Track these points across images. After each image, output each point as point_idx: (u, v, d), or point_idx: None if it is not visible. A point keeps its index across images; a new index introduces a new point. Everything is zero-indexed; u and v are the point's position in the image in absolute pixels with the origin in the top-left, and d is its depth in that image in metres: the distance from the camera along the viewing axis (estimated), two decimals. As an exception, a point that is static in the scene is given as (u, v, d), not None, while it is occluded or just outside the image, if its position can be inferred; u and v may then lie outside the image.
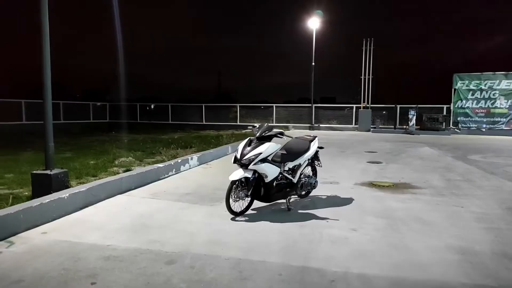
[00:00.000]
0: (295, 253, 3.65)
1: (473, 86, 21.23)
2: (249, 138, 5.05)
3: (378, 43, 22.30)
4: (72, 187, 5.52)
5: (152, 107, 27.85)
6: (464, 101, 21.37)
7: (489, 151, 12.89)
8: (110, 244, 3.78)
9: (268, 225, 4.50)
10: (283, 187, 5.11)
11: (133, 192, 6.00)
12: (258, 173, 4.80)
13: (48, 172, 5.40)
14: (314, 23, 22.75)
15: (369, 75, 22.18)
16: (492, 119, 21.01)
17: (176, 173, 7.66)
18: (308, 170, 5.78)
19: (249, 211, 4.98)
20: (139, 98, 32.58)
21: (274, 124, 23.57)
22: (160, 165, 7.13)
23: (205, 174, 7.81)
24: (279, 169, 4.93)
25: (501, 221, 4.85)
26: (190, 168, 8.32)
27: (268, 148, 4.78)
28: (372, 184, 7.06)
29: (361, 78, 22.31)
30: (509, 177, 7.96)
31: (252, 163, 4.69)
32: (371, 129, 21.57)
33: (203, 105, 25.17)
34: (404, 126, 21.42)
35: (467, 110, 21.38)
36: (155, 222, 4.55)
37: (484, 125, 21.09)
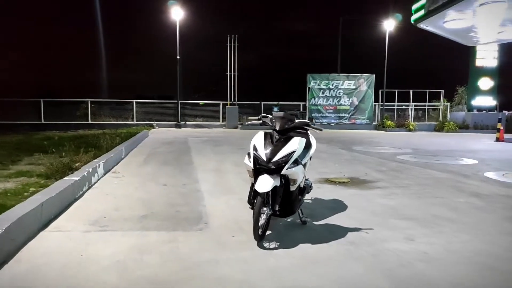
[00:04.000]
0: None
1: (323, 85, 23.47)
2: (265, 132, 3.73)
3: (243, 42, 22.31)
4: None
5: None
6: (316, 99, 23.42)
7: (357, 143, 14.19)
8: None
9: (319, 251, 3.34)
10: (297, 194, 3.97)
11: (59, 224, 3.82)
12: (285, 179, 3.56)
13: None
14: (176, 14, 21.16)
15: (234, 72, 22.02)
16: (338, 115, 23.68)
17: (89, 188, 5.47)
18: None
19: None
20: None
21: (135, 122, 21.04)
22: (75, 178, 4.89)
23: (128, 186, 5.85)
24: (305, 171, 3.79)
25: (496, 208, 4.90)
26: (99, 179, 6.14)
27: (299, 145, 3.58)
28: (330, 181, 6.52)
29: (227, 75, 21.98)
30: (422, 165, 8.64)
31: (286, 167, 3.43)
32: (239, 126, 21.49)
33: (42, 100, 20.46)
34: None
35: (319, 107, 23.51)
36: (161, 272, 2.81)
37: (333, 120, 23.60)
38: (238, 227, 3.93)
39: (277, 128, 3.67)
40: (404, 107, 25.14)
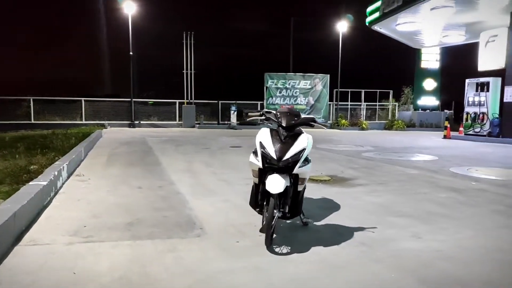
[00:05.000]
0: None
1: (280, 84, 23.56)
2: (270, 129, 3.48)
3: (200, 40, 21.70)
4: None
5: None
6: (274, 98, 23.44)
7: (319, 141, 14.14)
8: None
9: (333, 254, 3.15)
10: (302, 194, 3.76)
11: (34, 237, 3.29)
12: (293, 178, 3.34)
13: None
14: (129, 8, 20.10)
15: (191, 69, 21.38)
16: (295, 114, 23.89)
17: (55, 193, 4.88)
18: None
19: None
20: None
21: (84, 122, 19.71)
22: (43, 182, 4.30)
23: (99, 189, 5.31)
24: None
25: (479, 202, 5.02)
26: (64, 183, 5.53)
27: (309, 141, 3.38)
28: (311, 179, 6.38)
29: (184, 73, 21.29)
30: (389, 161, 8.83)
31: (298, 166, 3.21)
32: (196, 125, 20.93)
33: (-25, 97, 18.51)
34: (226, 122, 21.80)
35: (276, 106, 23.51)
36: (174, 287, 2.47)
37: (289, 120, 23.75)
38: (238, 231, 3.65)
39: (284, 124, 3.43)
40: (355, 106, 25.96)
